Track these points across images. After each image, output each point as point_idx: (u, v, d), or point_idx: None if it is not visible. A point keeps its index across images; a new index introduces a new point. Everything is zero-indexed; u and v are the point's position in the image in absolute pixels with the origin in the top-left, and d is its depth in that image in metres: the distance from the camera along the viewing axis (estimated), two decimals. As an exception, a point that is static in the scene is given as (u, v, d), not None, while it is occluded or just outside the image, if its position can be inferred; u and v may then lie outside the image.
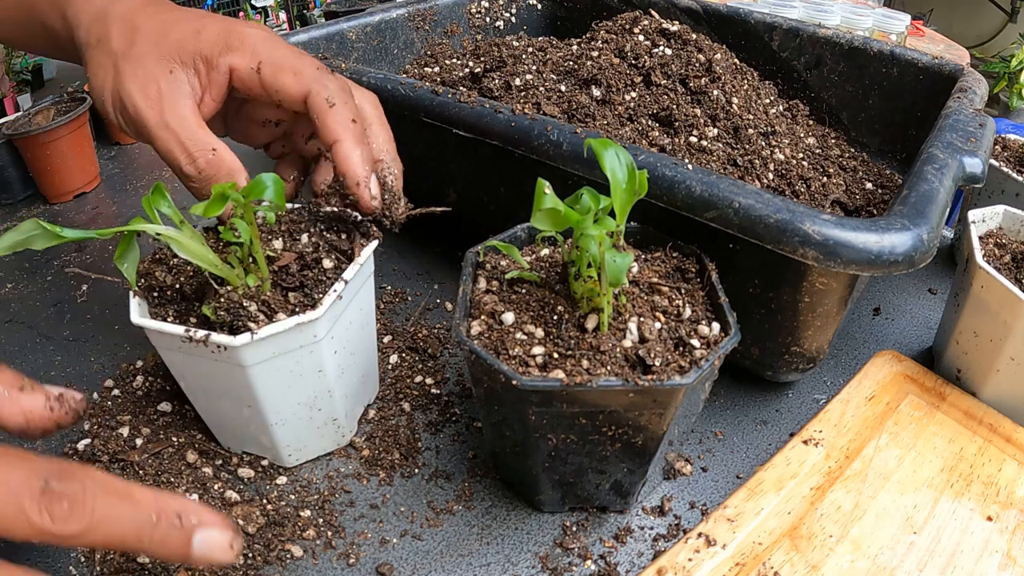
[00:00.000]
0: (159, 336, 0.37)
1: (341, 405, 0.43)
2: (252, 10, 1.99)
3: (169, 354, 0.39)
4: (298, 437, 0.42)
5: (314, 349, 0.38)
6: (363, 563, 0.39)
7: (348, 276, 0.39)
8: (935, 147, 0.45)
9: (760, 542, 0.39)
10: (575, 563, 0.39)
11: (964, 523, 0.41)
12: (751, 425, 0.48)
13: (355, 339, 0.42)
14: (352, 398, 0.44)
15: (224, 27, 0.42)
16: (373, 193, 0.41)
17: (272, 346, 0.36)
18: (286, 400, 0.40)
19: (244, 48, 0.42)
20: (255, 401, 0.39)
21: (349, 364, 0.42)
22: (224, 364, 0.37)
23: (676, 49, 0.60)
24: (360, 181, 0.40)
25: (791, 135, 0.60)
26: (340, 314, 0.39)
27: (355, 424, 0.46)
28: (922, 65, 0.64)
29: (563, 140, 0.45)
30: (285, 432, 0.41)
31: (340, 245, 0.42)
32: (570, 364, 0.34)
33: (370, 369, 0.46)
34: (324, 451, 0.44)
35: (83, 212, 0.73)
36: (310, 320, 0.36)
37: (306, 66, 0.42)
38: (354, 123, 0.41)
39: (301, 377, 0.39)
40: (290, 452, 0.43)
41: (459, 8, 0.83)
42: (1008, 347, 0.46)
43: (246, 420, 0.40)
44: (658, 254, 0.42)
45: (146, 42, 0.41)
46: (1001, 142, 0.68)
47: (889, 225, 0.37)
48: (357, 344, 0.43)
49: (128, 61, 0.40)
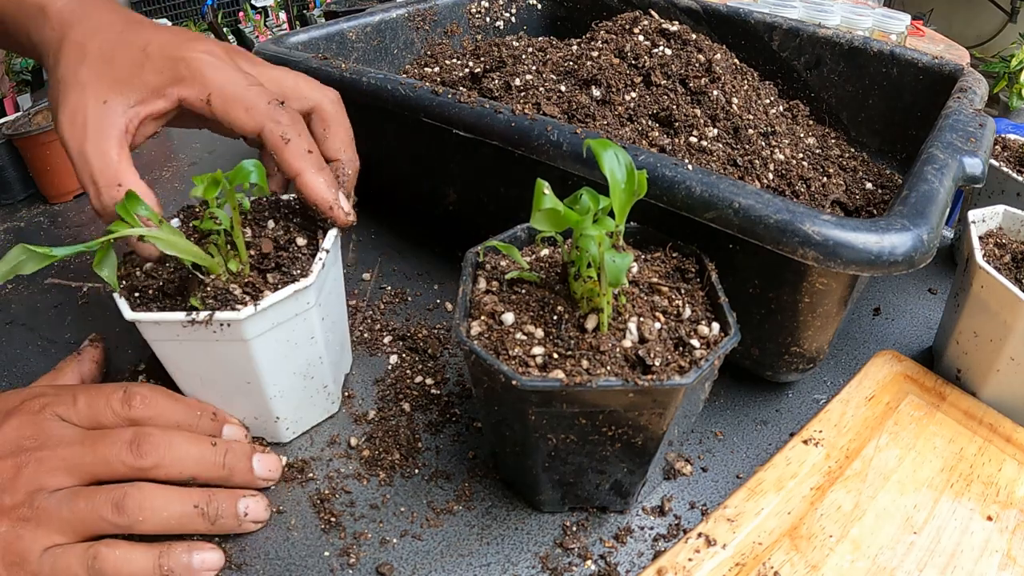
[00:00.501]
0: (155, 328, 0.38)
1: (329, 371, 0.45)
2: (252, 10, 1.99)
3: (163, 346, 0.40)
4: (295, 407, 0.44)
5: (307, 317, 0.41)
6: (363, 563, 0.39)
7: (327, 245, 0.42)
8: (935, 147, 0.45)
9: (760, 542, 0.40)
10: (575, 563, 0.39)
11: (964, 523, 0.41)
12: (751, 425, 0.48)
13: (335, 307, 0.46)
14: (336, 365, 0.47)
15: (170, 51, 0.42)
16: (346, 210, 0.43)
17: (272, 316, 0.39)
18: (283, 370, 0.42)
19: (193, 78, 0.41)
20: (256, 375, 0.40)
21: (332, 331, 0.45)
22: (225, 343, 0.38)
23: (676, 49, 0.60)
24: (331, 205, 0.42)
25: (791, 135, 0.60)
26: (324, 283, 0.42)
27: (340, 392, 0.49)
28: (922, 65, 0.64)
29: (563, 140, 0.45)
30: (283, 404, 0.43)
31: (307, 226, 0.44)
32: (570, 364, 0.34)
33: (345, 338, 0.50)
34: (317, 421, 0.47)
35: (83, 212, 0.73)
36: (304, 287, 0.39)
37: (257, 99, 0.42)
38: (310, 153, 0.42)
39: (296, 346, 0.41)
40: (287, 425, 0.45)
41: (459, 8, 0.83)
42: (1008, 347, 0.46)
43: (246, 398, 0.42)
44: (658, 254, 0.42)
45: (90, 69, 0.41)
46: (1001, 142, 0.68)
47: (889, 225, 0.37)
48: (337, 312, 0.46)
49: (67, 88, 0.41)
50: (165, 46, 0.42)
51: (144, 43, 0.42)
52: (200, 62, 0.42)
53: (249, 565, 0.38)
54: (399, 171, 0.51)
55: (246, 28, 1.95)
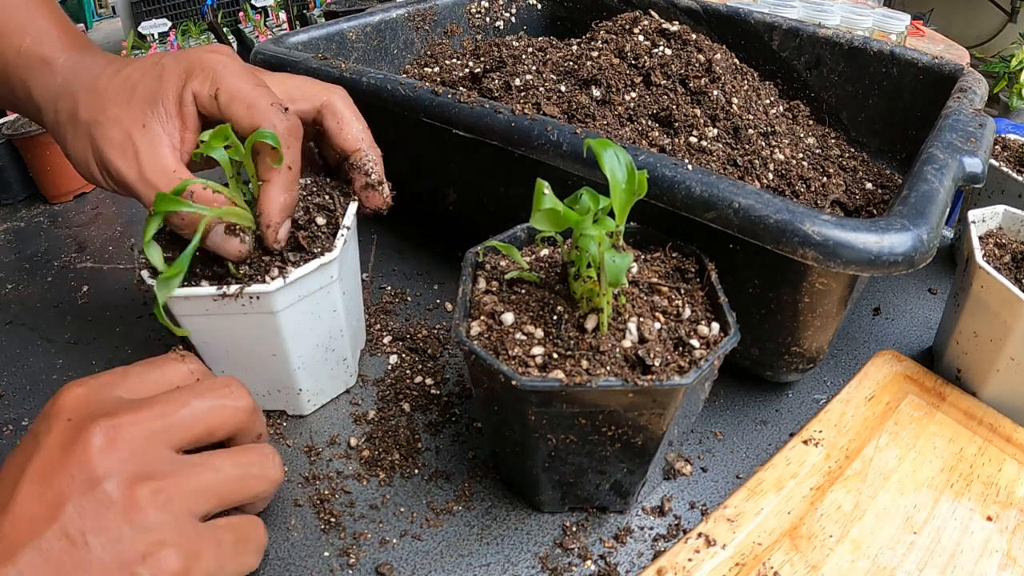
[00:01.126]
0: (187, 303, 0.40)
1: (348, 344, 0.48)
2: (252, 10, 1.99)
3: (192, 321, 0.41)
4: (316, 379, 0.47)
5: (330, 290, 0.43)
6: (363, 563, 0.39)
7: (348, 222, 0.44)
8: (935, 147, 0.45)
9: (760, 542, 0.40)
10: (575, 563, 0.39)
11: (964, 523, 0.41)
12: (751, 425, 0.48)
13: (353, 282, 0.48)
14: (354, 339, 0.49)
15: (184, 58, 0.43)
16: (279, 237, 0.42)
17: (299, 289, 0.41)
18: (308, 343, 0.44)
19: (204, 73, 0.42)
20: (282, 347, 0.43)
21: (351, 306, 0.48)
22: (254, 315, 0.41)
23: (676, 49, 0.60)
24: (272, 224, 0.41)
25: (791, 135, 0.60)
26: (344, 258, 0.44)
27: (357, 366, 0.51)
28: (922, 65, 0.64)
29: (563, 140, 0.45)
30: (306, 376, 0.46)
31: (327, 205, 0.46)
32: (570, 364, 0.34)
33: (361, 314, 0.52)
34: (336, 393, 0.49)
35: (83, 212, 0.73)
36: (329, 260, 0.41)
37: (260, 99, 0.42)
38: (290, 169, 0.42)
39: (320, 319, 0.44)
40: (309, 397, 0.47)
41: (459, 8, 0.83)
42: (1008, 347, 0.46)
43: (270, 370, 0.44)
44: (658, 254, 0.42)
45: (114, 104, 0.42)
46: (1001, 142, 0.68)
47: (889, 225, 0.37)
48: (354, 287, 0.49)
49: (100, 127, 0.41)
50: (175, 57, 0.43)
51: (157, 59, 0.43)
52: (213, 61, 0.43)
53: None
54: (399, 171, 0.51)
55: (246, 28, 1.94)
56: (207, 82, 0.42)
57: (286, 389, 0.46)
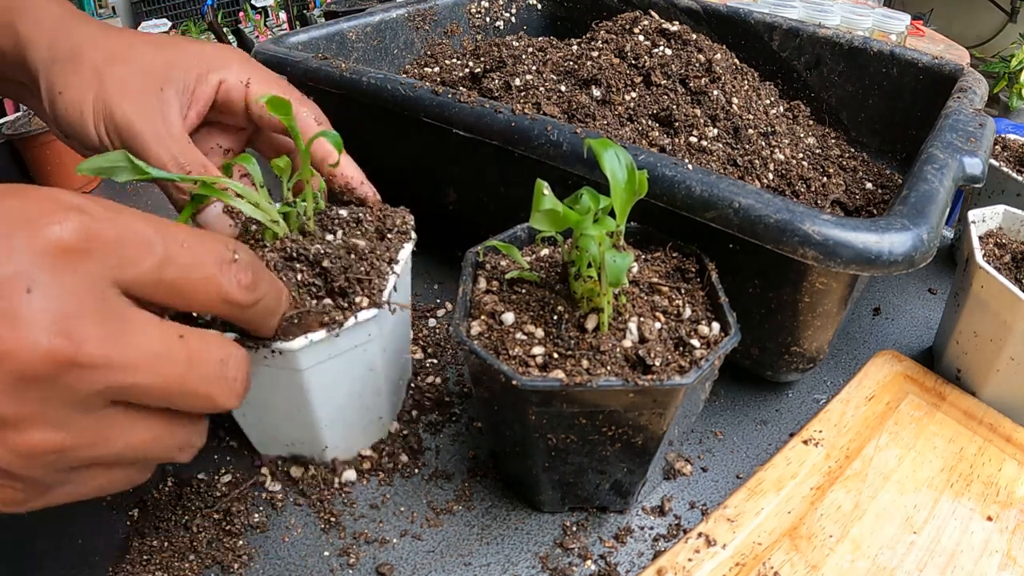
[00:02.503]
0: None
1: (386, 402, 0.43)
2: (252, 10, 1.99)
3: None
4: (345, 436, 0.42)
5: (367, 348, 0.38)
6: (363, 563, 0.39)
7: (399, 269, 0.40)
8: (935, 147, 0.45)
9: (760, 542, 0.39)
10: (575, 563, 0.39)
11: (964, 523, 0.41)
12: (751, 425, 0.48)
13: (399, 333, 0.43)
14: (395, 393, 0.45)
15: (205, 49, 0.43)
16: (372, 192, 0.46)
17: (328, 348, 0.36)
18: (337, 402, 0.39)
19: (230, 68, 0.43)
20: (307, 405, 0.38)
21: (394, 359, 0.43)
22: (277, 369, 0.36)
23: (676, 49, 0.60)
24: (364, 181, 0.45)
25: (791, 135, 0.60)
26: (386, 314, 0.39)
27: (395, 416, 0.46)
28: (922, 65, 0.64)
29: (563, 140, 0.45)
30: (332, 433, 0.41)
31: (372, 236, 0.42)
32: (570, 364, 0.34)
33: (406, 363, 0.48)
34: (365, 446, 0.44)
35: (83, 212, 0.73)
36: (366, 319, 0.36)
37: (290, 91, 0.45)
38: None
39: (353, 378, 0.39)
40: (334, 453, 0.42)
41: (459, 8, 0.83)
42: (1008, 347, 0.46)
43: (295, 424, 0.40)
44: (658, 254, 0.42)
45: (134, 56, 0.40)
46: (1001, 142, 0.68)
47: (889, 225, 0.37)
48: (400, 338, 0.44)
49: (113, 75, 0.40)
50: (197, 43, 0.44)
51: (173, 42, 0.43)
52: (234, 52, 0.44)
53: (248, 565, 0.38)
54: (399, 171, 0.51)
55: (246, 28, 1.95)
56: (234, 71, 0.43)
57: (310, 443, 0.42)
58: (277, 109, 0.37)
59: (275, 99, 0.37)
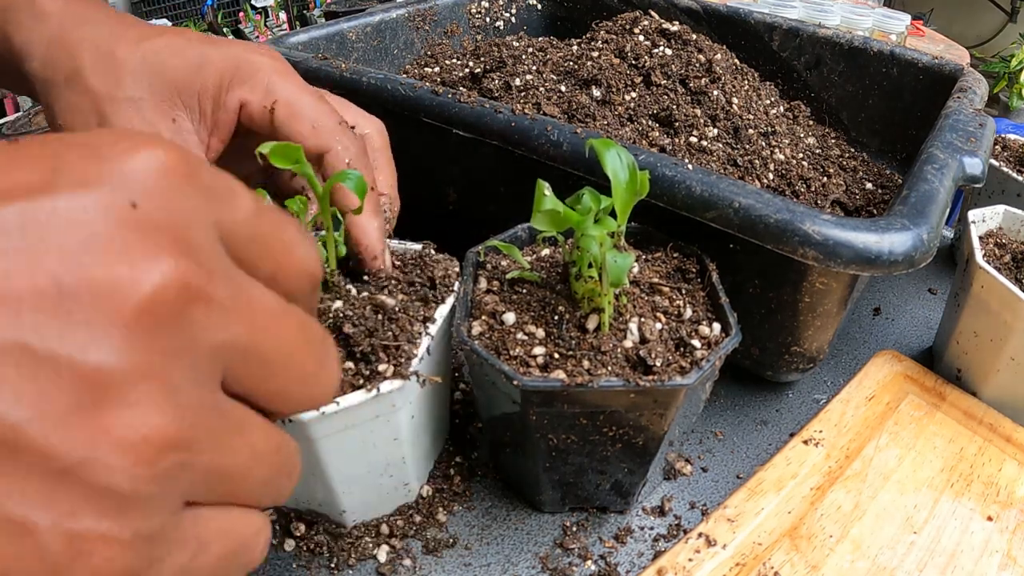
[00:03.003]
0: None
1: (413, 469, 0.39)
2: (252, 10, 1.99)
3: None
4: (364, 502, 0.39)
5: (391, 418, 0.35)
6: (363, 563, 0.39)
7: (434, 331, 0.36)
8: (935, 147, 0.45)
9: (760, 542, 0.40)
10: (575, 563, 0.39)
11: (964, 523, 0.41)
12: (751, 425, 0.48)
13: (433, 399, 0.38)
14: (425, 459, 0.41)
15: (231, 54, 0.37)
16: (386, 265, 0.38)
17: (345, 419, 0.33)
18: (356, 472, 0.37)
19: (256, 81, 0.37)
20: (322, 473, 0.35)
21: (425, 425, 0.39)
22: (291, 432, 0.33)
23: (676, 49, 0.60)
24: (377, 255, 0.38)
25: (791, 135, 0.60)
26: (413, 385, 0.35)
27: (424, 481, 0.42)
28: (922, 65, 0.64)
29: (563, 140, 0.45)
30: (351, 499, 0.38)
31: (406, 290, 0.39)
32: (571, 364, 0.34)
33: (443, 424, 0.43)
34: (388, 511, 0.40)
35: (83, 212, 0.73)
36: (389, 391, 0.33)
37: (327, 118, 0.37)
38: (372, 190, 0.37)
39: (374, 447, 0.36)
40: (353, 518, 0.39)
41: (459, 8, 0.83)
42: (1008, 347, 0.46)
43: (311, 486, 0.37)
44: (659, 254, 0.42)
45: (136, 81, 0.35)
46: (1001, 142, 0.68)
47: (889, 225, 0.37)
48: (434, 403, 0.39)
49: (117, 105, 0.35)
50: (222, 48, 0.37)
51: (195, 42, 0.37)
52: (263, 66, 0.37)
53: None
54: (399, 171, 0.51)
55: (246, 28, 1.95)
56: (259, 90, 0.36)
57: (327, 505, 0.39)
58: (283, 160, 0.31)
59: (280, 148, 0.31)
